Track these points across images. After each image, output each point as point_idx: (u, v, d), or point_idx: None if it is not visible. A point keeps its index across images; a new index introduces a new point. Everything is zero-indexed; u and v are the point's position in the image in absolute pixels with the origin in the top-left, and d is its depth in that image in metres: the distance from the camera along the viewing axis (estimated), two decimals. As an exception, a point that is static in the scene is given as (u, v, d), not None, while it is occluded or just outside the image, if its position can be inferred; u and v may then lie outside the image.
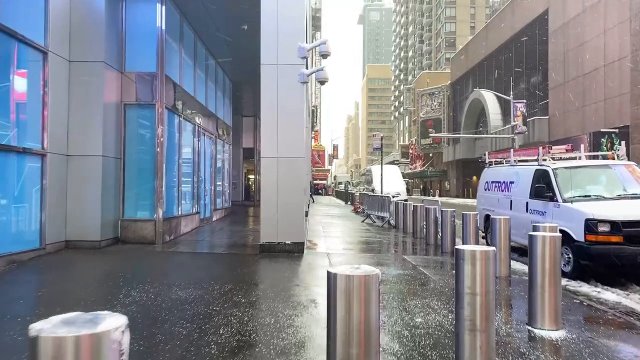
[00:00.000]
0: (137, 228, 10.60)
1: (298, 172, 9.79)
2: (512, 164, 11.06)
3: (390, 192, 28.98)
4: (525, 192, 10.01)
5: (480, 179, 12.88)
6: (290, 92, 9.77)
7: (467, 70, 60.35)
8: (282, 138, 9.75)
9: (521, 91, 44.36)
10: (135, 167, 10.84)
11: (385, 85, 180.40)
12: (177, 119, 12.15)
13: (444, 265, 9.10)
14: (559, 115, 37.39)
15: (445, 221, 10.90)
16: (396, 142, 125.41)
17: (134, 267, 8.20)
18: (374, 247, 11.41)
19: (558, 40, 37.61)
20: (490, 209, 11.93)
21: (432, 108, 71.27)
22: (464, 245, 4.17)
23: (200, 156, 14.50)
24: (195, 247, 10.54)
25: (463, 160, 61.21)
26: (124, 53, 10.69)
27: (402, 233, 14.79)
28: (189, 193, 13.45)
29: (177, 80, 12.09)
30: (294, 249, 9.68)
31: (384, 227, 16.68)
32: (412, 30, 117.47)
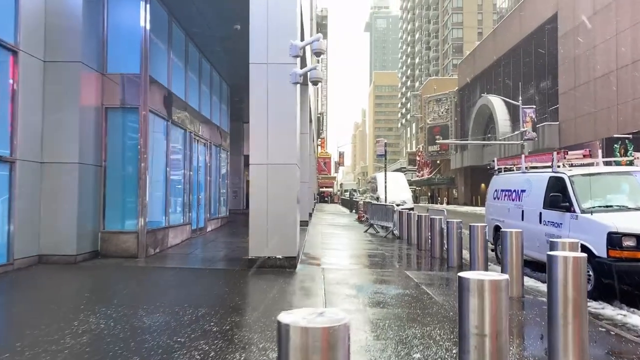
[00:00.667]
0: (118, 241, 9.86)
1: (291, 180, 9.02)
2: (523, 171, 10.22)
3: (395, 200, 28.13)
4: (539, 202, 9.16)
5: (489, 187, 12.03)
6: (281, 93, 9.03)
7: (475, 76, 59.48)
8: (272, 143, 9.00)
9: (530, 97, 43.42)
10: (117, 176, 10.11)
11: (392, 92, 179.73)
12: (164, 123, 11.44)
13: (449, 282, 8.25)
14: (570, 120, 36.40)
15: (452, 233, 10.05)
16: (403, 149, 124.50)
17: (105, 286, 7.44)
18: (374, 261, 10.58)
19: (568, 44, 36.70)
20: (499, 220, 11.08)
21: (439, 114, 70.39)
22: (470, 272, 3.34)
23: (193, 163, 13.78)
24: (180, 261, 9.77)
25: (471, 168, 60.19)
26: (106, 53, 10.01)
27: (406, 244, 13.94)
28: (179, 203, 12.72)
29: (164, 82, 11.40)
30: (286, 264, 8.89)
31: (388, 237, 15.84)
32: (418, 37, 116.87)
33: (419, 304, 6.44)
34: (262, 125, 8.99)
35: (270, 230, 8.90)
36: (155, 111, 10.68)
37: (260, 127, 9.00)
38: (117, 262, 9.33)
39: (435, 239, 11.46)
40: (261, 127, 8.99)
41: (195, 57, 14.33)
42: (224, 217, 18.49)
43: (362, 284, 7.77)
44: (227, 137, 19.08)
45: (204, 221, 15.12)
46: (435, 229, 11.49)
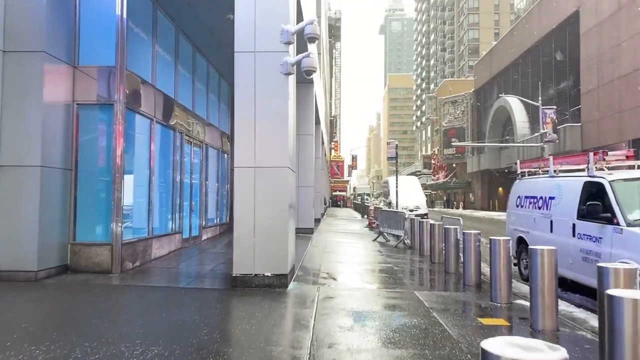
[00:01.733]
0: (90, 254, 8.75)
1: (282, 186, 7.82)
2: (551, 175, 8.87)
3: (408, 205, 26.78)
4: (571, 211, 7.82)
5: (511, 193, 10.69)
6: (271, 85, 7.85)
7: (492, 77, 57.74)
8: (261, 143, 7.81)
9: (550, 97, 41.65)
10: (91, 180, 9.02)
11: (406, 94, 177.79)
12: (148, 122, 10.34)
13: (466, 308, 6.96)
14: (593, 122, 34.63)
15: (469, 246, 8.75)
16: (418, 152, 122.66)
17: (53, 312, 6.31)
18: (380, 277, 9.32)
19: (591, 41, 34.97)
20: (523, 230, 9.73)
21: (455, 117, 68.66)
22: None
23: (185, 167, 12.67)
24: (158, 278, 8.62)
25: (488, 171, 58.38)
26: (77, 44, 8.94)
27: (418, 256, 12.64)
28: (167, 210, 11.60)
29: (147, 77, 10.29)
30: (275, 282, 7.68)
31: (398, 247, 14.55)
32: (433, 39, 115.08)
33: (428, 340, 5.17)
34: (249, 122, 7.82)
35: (257, 244, 7.71)
36: (135, 108, 9.57)
37: (247, 125, 7.83)
38: (86, 278, 8.21)
39: (450, 252, 10.17)
40: (247, 125, 7.82)
41: (188, 52, 13.23)
42: (223, 224, 17.36)
43: (362, 309, 6.52)
44: (229, 140, 17.98)
45: (198, 229, 13.99)
46: (450, 241, 10.19)
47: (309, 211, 17.44)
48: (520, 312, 6.67)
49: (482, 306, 7.00)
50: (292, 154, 8.53)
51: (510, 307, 6.94)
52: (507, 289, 7.19)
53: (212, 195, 15.54)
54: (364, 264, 11.04)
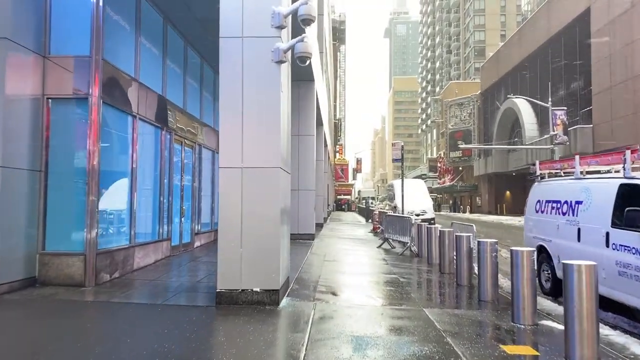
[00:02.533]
0: (61, 265, 7.85)
1: (273, 189, 6.89)
2: (577, 177, 7.88)
3: (414, 209, 25.76)
4: (604, 218, 6.84)
5: (529, 196, 9.70)
6: (261, 75, 6.93)
7: (499, 79, 56.68)
8: (249, 141, 6.89)
9: (559, 98, 40.56)
10: (64, 183, 8.12)
11: (412, 97, 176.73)
12: (129, 119, 9.43)
13: (484, 331, 5.99)
14: (605, 123, 33.53)
15: (484, 256, 7.78)
16: (424, 155, 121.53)
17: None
18: (385, 291, 8.35)
19: (602, 40, 33.91)
20: (544, 239, 8.74)
21: (461, 119, 67.58)
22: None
23: (174, 169, 11.77)
24: (136, 292, 7.69)
25: (495, 174, 57.23)
26: (48, 31, 8.07)
27: (426, 265, 11.66)
28: (153, 215, 10.69)
29: (130, 71, 9.39)
30: (266, 299, 6.74)
31: (404, 255, 13.57)
32: (439, 41, 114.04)
33: (443, 377, 4.21)
34: (235, 117, 6.90)
35: (245, 255, 6.78)
36: (113, 103, 8.66)
37: (233, 120, 6.91)
38: (53, 293, 7.30)
39: (463, 262, 9.19)
40: (233, 120, 6.91)
41: (179, 45, 12.34)
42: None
43: (363, 333, 5.56)
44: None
45: (190, 235, 13.07)
46: (462, 250, 9.22)
47: (309, 216, 16.50)
48: (549, 336, 5.69)
49: (503, 328, 6.02)
50: (286, 154, 7.60)
51: (536, 330, 5.97)
52: (532, 308, 6.22)
53: (206, 198, 14.62)
54: (367, 274, 10.08)
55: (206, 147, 14.56)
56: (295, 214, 16.35)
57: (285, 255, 7.59)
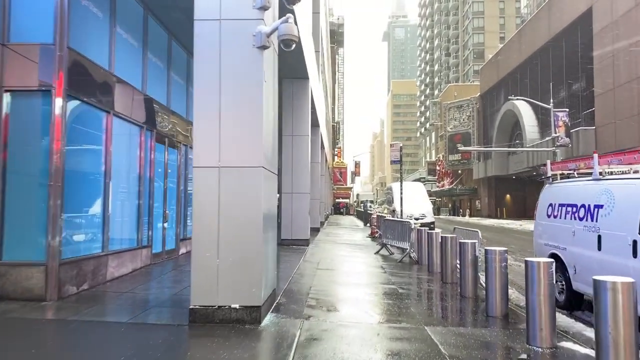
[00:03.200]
0: (20, 276, 7.01)
1: (255, 191, 6.07)
2: (596, 177, 7.07)
3: (413, 213, 24.95)
4: (630, 224, 6.03)
5: (540, 200, 8.89)
6: (241, 63, 6.13)
7: (499, 80, 55.98)
8: (227, 137, 6.08)
9: (560, 100, 39.83)
10: (24, 185, 7.31)
11: (410, 101, 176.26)
12: (103, 116, 8.61)
13: (494, 355, 5.17)
14: (608, 125, 32.78)
15: (492, 266, 6.97)
16: (422, 158, 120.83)
17: None
18: (382, 304, 7.53)
19: (605, 40, 33.21)
20: (557, 246, 7.93)
21: (460, 122, 66.87)
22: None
23: (155, 169, 10.94)
24: (103, 307, 6.86)
25: (495, 177, 56.48)
26: (7, 16, 7.26)
27: (427, 274, 10.85)
28: (130, 220, 9.86)
29: (103, 62, 8.56)
30: (246, 317, 5.92)
31: (403, 262, 12.75)
32: (437, 44, 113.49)
33: None
34: (212, 110, 6.09)
35: (222, 267, 5.96)
36: (82, 97, 7.84)
37: (209, 113, 6.10)
38: (7, 309, 6.46)
39: (467, 272, 8.38)
40: (210, 113, 6.10)
41: (162, 38, 11.53)
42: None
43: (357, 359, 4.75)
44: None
45: (174, 242, 12.22)
46: (466, 258, 8.41)
47: (304, 220, 15.68)
48: (574, 363, 4.88)
49: (517, 351, 5.21)
50: (271, 152, 6.78)
51: (556, 354, 5.16)
52: (551, 328, 5.41)
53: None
54: (363, 285, 9.25)
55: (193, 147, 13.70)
56: (289, 219, 15.54)
57: (270, 265, 6.77)
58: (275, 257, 7.40)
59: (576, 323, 7.05)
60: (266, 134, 6.33)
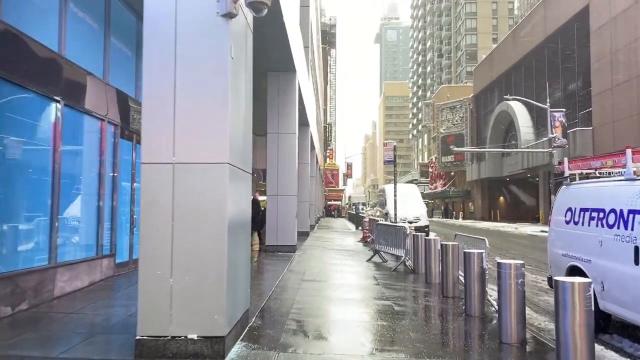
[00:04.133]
0: (-64, 296, 5.77)
1: (220, 194, 4.89)
2: (630, 177, 5.96)
3: (407, 216, 23.85)
4: (678, 234, 4.92)
5: (556, 203, 7.78)
6: (200, 34, 4.95)
7: (492, 81, 55.17)
8: (184, 127, 4.90)
9: (557, 100, 39.00)
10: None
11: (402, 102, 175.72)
12: (47, 103, 7.37)
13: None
14: (606, 125, 31.94)
15: (507, 282, 5.84)
16: (415, 160, 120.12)
17: None
18: (374, 327, 6.37)
19: (603, 39, 32.40)
20: (580, 258, 6.81)
21: (453, 123, 66.03)
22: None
23: (120, 168, 9.71)
24: (35, 334, 5.63)
25: (489, 179, 55.63)
26: None
27: (424, 285, 9.73)
28: (88, 225, 8.62)
29: (45, 40, 7.26)
30: (206, 349, 4.73)
31: (398, 271, 11.63)
32: (430, 45, 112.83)
33: None
34: (165, 93, 4.91)
35: (177, 288, 4.78)
36: (13, 79, 6.57)
37: (161, 97, 4.91)
38: None
39: (473, 286, 7.25)
40: (162, 97, 4.91)
41: (128, 20, 10.28)
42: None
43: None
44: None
45: (144, 249, 10.96)
46: (471, 270, 7.28)
47: (290, 225, 14.50)
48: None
49: (548, 399, 4.07)
50: (241, 146, 5.60)
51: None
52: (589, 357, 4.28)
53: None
54: (353, 301, 8.09)
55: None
56: (274, 223, 14.36)
57: (240, 282, 5.60)
58: (248, 271, 6.22)
59: (606, 351, 5.95)
60: (234, 123, 5.16)
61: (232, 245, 5.04)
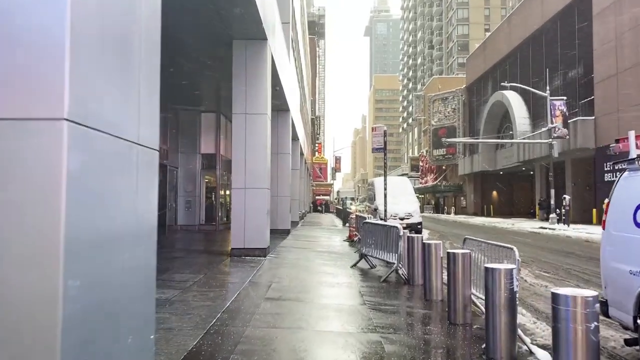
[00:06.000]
0: None
1: (43, 177, 2.48)
2: None
3: (398, 213, 21.56)
4: None
5: (614, 197, 5.48)
6: None
7: (486, 71, 53.08)
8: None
9: (555, 89, 36.89)
10: None
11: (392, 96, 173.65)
12: None
13: None
14: (610, 114, 29.89)
15: (567, 327, 3.55)
16: (405, 154, 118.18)
17: None
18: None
19: (607, 22, 30.29)
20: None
21: (445, 115, 63.94)
22: None
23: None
24: None
25: (482, 173, 53.62)
26: None
27: (422, 304, 7.44)
28: None
29: None
30: None
31: (389, 281, 9.35)
32: (420, 36, 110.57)
33: None
34: None
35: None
36: None
37: None
38: None
39: (498, 319, 5.00)
40: None
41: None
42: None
43: None
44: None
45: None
46: (495, 293, 5.01)
47: (260, 224, 12.11)
48: None
49: None
50: (120, 97, 3.19)
51: None
52: None
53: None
54: (327, 334, 5.75)
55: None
56: (240, 222, 11.98)
57: (121, 344, 3.21)
58: (150, 303, 3.82)
59: None
60: (90, 48, 2.76)
61: (85, 279, 2.66)
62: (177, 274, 9.33)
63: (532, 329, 6.56)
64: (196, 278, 8.89)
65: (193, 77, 16.40)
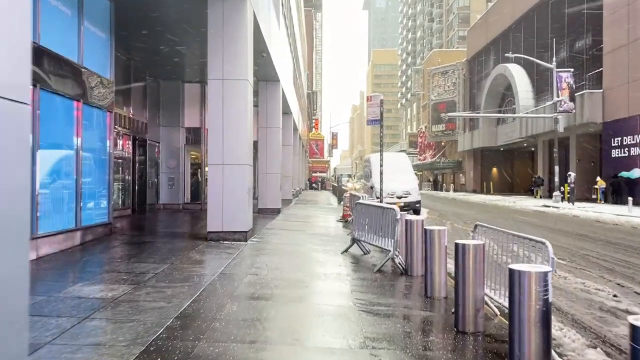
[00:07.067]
0: None
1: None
2: None
3: (395, 191, 20.26)
4: None
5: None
6: None
7: (488, 43, 51.19)
8: None
9: (561, 61, 35.22)
10: None
11: (391, 71, 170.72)
12: None
13: None
14: (619, 87, 28.39)
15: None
16: (403, 131, 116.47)
17: None
18: None
19: (619, -13, 28.52)
20: None
21: (445, 89, 62.16)
22: None
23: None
24: None
25: (482, 149, 52.25)
26: None
27: (423, 303, 6.17)
28: None
29: None
30: None
31: (384, 271, 8.10)
32: (420, 9, 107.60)
33: None
34: None
35: None
36: None
37: None
38: None
39: (527, 336, 3.71)
40: None
41: None
42: (101, 224, 10.70)
43: None
44: (108, 85, 11.20)
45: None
46: (525, 305, 3.73)
47: (240, 204, 10.78)
48: None
49: None
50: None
51: None
52: None
53: (71, 177, 8.76)
54: (303, 355, 4.48)
55: (75, 97, 8.62)
56: (218, 202, 10.66)
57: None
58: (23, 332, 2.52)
59: None
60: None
61: None
62: (139, 264, 8.04)
63: (558, 337, 5.32)
64: (159, 269, 7.60)
65: (172, 43, 14.86)
